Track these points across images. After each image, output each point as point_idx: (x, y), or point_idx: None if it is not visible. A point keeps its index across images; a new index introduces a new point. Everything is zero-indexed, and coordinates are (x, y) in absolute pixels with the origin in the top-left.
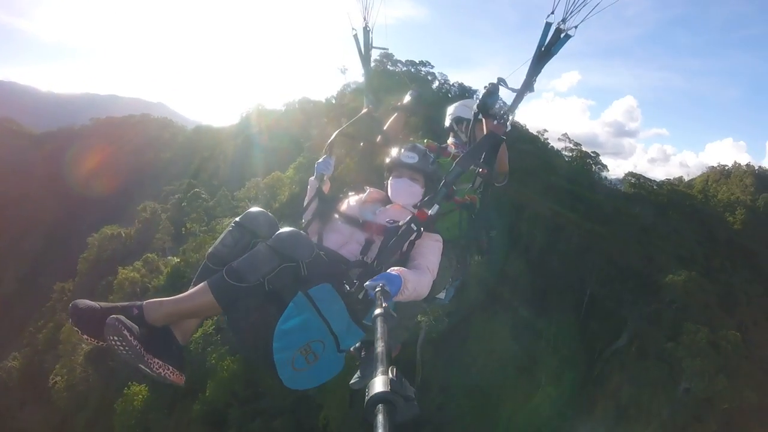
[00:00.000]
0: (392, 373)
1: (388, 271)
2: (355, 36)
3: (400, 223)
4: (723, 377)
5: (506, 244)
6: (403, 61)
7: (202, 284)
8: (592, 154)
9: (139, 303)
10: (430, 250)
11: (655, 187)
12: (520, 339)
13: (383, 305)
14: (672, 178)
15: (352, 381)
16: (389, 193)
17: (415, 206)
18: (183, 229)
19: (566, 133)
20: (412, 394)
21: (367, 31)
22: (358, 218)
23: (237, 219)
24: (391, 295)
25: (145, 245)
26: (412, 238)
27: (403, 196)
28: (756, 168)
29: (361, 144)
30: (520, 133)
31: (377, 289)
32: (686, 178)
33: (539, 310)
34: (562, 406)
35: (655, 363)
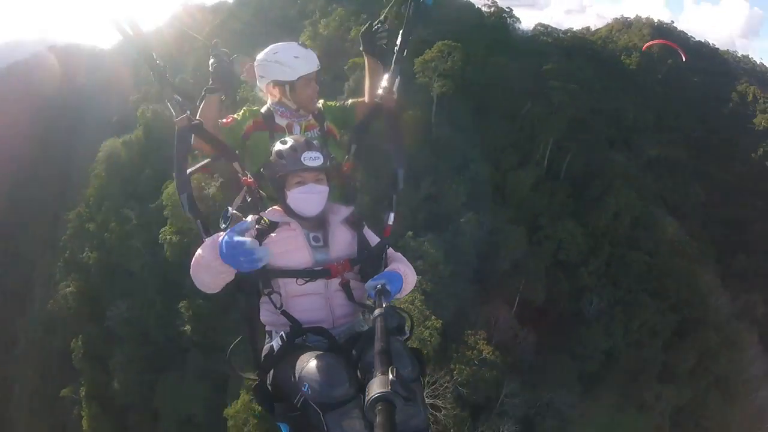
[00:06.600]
0: (392, 373)
1: (389, 269)
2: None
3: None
4: None
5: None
6: None
7: None
8: (507, 9)
9: None
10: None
11: (561, 35)
12: None
13: (383, 305)
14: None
15: None
16: (295, 207)
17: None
18: None
19: None
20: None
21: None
22: (315, 266)
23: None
24: (391, 294)
25: None
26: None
27: (316, 206)
28: (655, 21)
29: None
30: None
31: (377, 288)
32: None
33: None
34: None
35: None
